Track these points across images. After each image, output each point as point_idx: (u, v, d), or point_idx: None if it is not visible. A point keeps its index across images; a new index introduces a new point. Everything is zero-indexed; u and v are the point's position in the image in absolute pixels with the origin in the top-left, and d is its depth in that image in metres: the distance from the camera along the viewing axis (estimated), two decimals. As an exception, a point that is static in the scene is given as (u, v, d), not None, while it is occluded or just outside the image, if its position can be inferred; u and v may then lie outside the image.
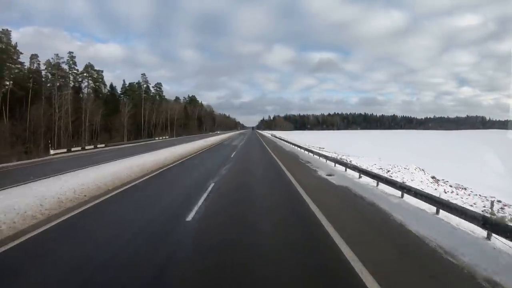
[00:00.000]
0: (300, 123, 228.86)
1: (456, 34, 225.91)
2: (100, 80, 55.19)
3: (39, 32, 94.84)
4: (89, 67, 52.94)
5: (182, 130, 76.12)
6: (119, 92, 64.87)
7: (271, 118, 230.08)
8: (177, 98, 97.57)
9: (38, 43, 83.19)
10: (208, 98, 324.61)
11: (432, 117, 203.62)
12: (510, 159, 20.38)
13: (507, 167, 17.89)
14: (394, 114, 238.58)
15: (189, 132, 79.82)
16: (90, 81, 53.24)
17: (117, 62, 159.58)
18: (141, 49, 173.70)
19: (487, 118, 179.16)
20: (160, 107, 66.63)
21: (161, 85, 73.34)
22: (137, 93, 65.50)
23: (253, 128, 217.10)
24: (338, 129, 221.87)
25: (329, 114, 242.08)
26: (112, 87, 60.95)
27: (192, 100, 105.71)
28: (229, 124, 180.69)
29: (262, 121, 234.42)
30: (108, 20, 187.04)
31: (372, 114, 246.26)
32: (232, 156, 19.04)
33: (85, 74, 52.31)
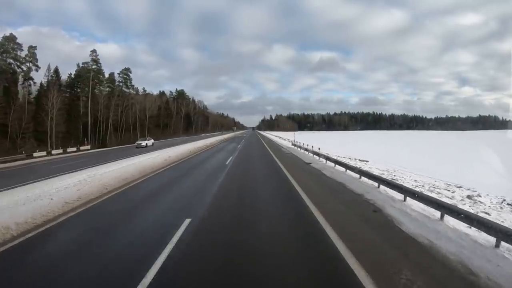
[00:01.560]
0: (304, 122, 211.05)
1: (457, 33, 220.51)
2: (30, 60, 37.88)
3: (37, 31, 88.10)
4: (7, 40, 35.64)
5: (161, 132, 58.75)
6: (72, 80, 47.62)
7: (273, 117, 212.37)
8: (162, 93, 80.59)
9: (36, 43, 73.70)
10: (207, 98, 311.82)
11: (443, 116, 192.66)
12: None
13: None
14: (404, 113, 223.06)
15: (173, 134, 62.67)
16: (11, 60, 35.89)
17: (117, 62, 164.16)
18: (140, 48, 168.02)
19: (500, 118, 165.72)
20: (124, 101, 49.02)
21: (130, 71, 55.19)
22: (95, 80, 48.17)
23: (253, 128, 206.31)
24: (346, 129, 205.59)
25: (335, 113, 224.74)
26: (56, 72, 43.68)
27: (180, 96, 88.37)
28: (227, 124, 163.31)
29: (263, 121, 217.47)
30: (107, 19, 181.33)
31: (382, 113, 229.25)
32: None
33: (-1, 50, 34.95)
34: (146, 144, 30.59)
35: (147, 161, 14.04)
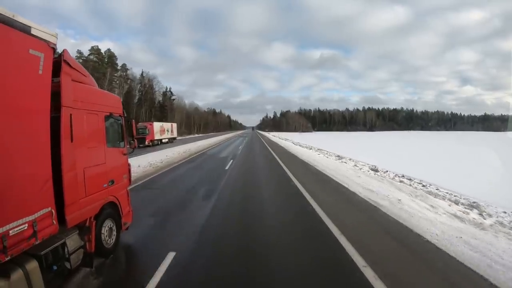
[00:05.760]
0: (319, 120, 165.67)
1: (460, 31, 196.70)
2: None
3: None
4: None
5: None
6: None
7: (277, 115, 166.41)
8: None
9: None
10: (206, 97, 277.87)
11: (478, 115, 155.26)
12: None
13: None
14: (437, 110, 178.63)
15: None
16: None
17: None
18: (137, 47, 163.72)
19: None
20: None
21: None
22: None
23: (253, 128, 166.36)
24: (371, 129, 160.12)
25: (357, 109, 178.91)
26: None
27: (106, 59, 43.90)
28: (216, 124, 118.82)
29: (265, 118, 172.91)
30: (103, 17, 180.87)
31: (413, 109, 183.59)
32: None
33: None
34: None
35: None
